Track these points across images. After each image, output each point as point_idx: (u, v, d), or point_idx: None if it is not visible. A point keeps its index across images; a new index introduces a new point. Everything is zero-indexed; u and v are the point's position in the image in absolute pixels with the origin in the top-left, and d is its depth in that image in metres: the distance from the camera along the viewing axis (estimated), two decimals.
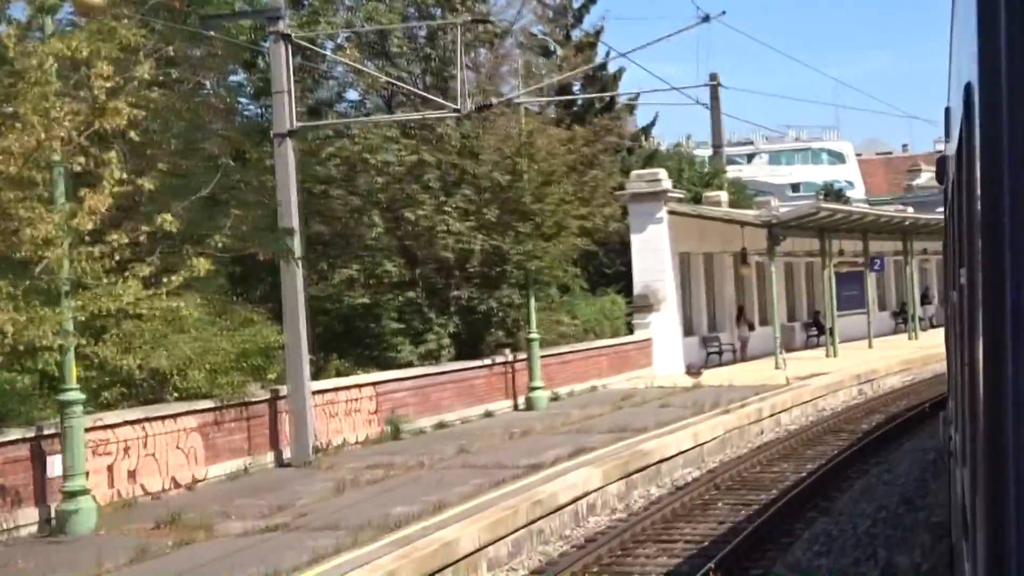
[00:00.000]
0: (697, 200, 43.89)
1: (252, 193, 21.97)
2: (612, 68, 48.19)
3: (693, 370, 33.96)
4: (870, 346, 46.06)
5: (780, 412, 28.95)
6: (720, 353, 41.36)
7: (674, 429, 23.91)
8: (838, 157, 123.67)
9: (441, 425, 25.77)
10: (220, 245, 17.59)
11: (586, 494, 18.48)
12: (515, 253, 27.35)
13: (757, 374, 35.39)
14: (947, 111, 6.83)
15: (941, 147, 75.38)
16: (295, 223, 20.36)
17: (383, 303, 26.35)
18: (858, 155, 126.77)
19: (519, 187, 27.50)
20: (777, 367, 37.40)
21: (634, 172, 39.16)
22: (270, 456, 20.67)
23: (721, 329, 43.02)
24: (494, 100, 22.71)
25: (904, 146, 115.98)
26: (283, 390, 20.73)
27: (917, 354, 42.69)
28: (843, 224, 42.22)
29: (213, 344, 19.30)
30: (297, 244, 20.43)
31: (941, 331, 54.07)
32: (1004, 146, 2.78)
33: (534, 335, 28.74)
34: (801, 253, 46.52)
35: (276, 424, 20.75)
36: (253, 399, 20.13)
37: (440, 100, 21.98)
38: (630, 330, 37.86)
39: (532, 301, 28.75)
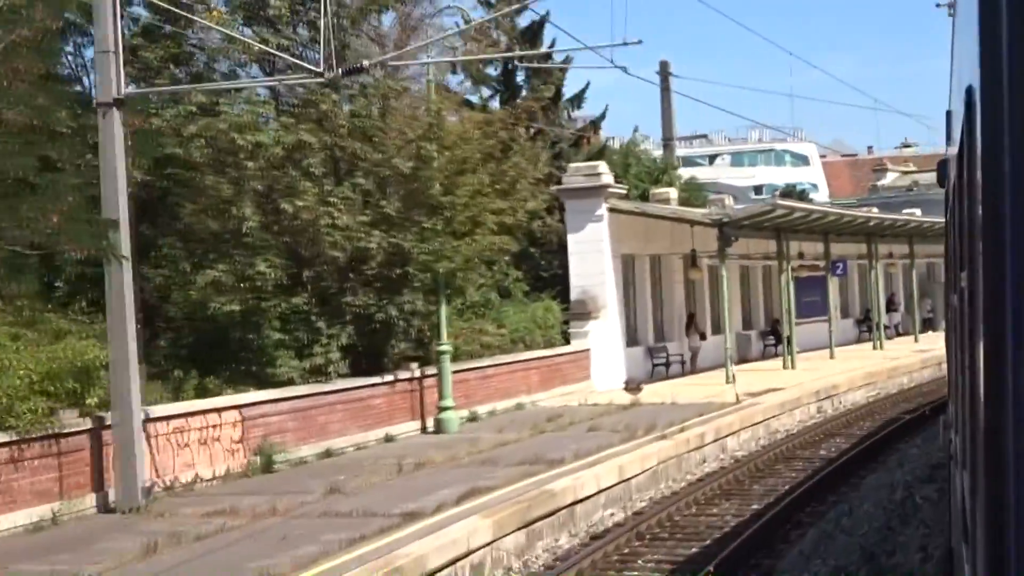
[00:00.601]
0: (644, 197, 40.34)
1: (85, 176, 18.06)
2: (559, 59, 44.79)
3: (632, 386, 30.30)
4: (831, 357, 42.58)
5: (726, 436, 25.31)
6: (667, 365, 37.73)
7: (597, 460, 20.21)
8: (801, 159, 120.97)
9: (327, 454, 21.98)
10: None
11: (469, 552, 14.75)
12: (420, 252, 23.59)
13: (705, 389, 31.77)
14: (948, 114, 6.74)
15: (907, 148, 71.97)
16: (122, 213, 16.52)
17: (263, 311, 22.53)
18: (822, 157, 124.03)
19: (425, 176, 23.75)
20: (728, 381, 33.81)
21: (571, 165, 35.52)
22: (92, 500, 16.82)
23: (669, 338, 39.38)
24: (365, 63, 18.87)
25: (869, 148, 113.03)
26: (111, 418, 16.89)
27: (882, 366, 39.23)
28: (802, 224, 38.69)
29: (8, 362, 15.46)
30: (125, 239, 16.59)
31: (908, 340, 50.68)
32: (1005, 149, 2.78)
33: (444, 347, 25.00)
34: (758, 256, 42.98)
35: (101, 460, 16.91)
36: (66, 430, 16.28)
37: (305, 64, 18.17)
38: (566, 340, 34.21)
39: (443, 308, 25.01)
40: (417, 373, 25.35)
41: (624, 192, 35.74)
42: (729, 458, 24.36)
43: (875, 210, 50.49)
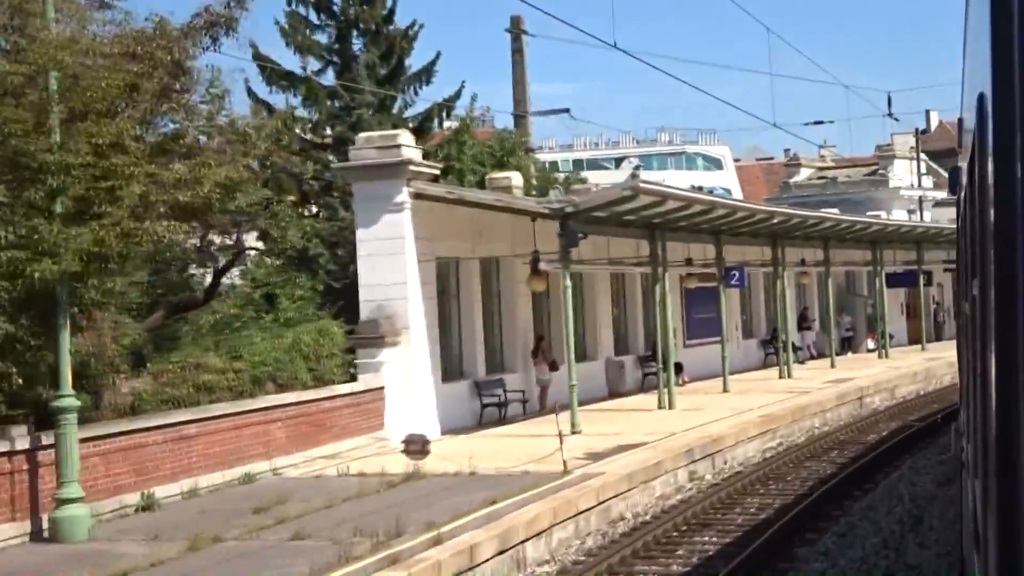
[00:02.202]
0: (483, 185, 31.02)
1: None
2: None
3: (414, 447, 20.67)
4: (725, 389, 33.45)
5: (525, 541, 15.83)
6: (504, 405, 28.27)
7: None
8: (714, 163, 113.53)
9: None
10: None
11: None
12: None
13: (535, 445, 22.34)
14: (960, 121, 6.91)
15: (827, 153, 62.41)
16: None
17: None
18: (736, 161, 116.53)
19: (7, 118, 14.11)
20: (574, 430, 24.56)
21: (362, 135, 26.10)
22: None
23: (511, 369, 29.99)
24: None
25: (787, 150, 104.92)
26: None
27: (788, 402, 30.12)
28: (682, 220, 29.50)
29: None
30: None
31: (824, 364, 41.81)
32: (1017, 155, 2.79)
33: (65, 401, 15.30)
34: (632, 260, 33.85)
35: None
36: None
37: None
38: (353, 376, 24.73)
39: (65, 337, 15.34)
40: (25, 443, 15.64)
41: (436, 173, 26.30)
42: None
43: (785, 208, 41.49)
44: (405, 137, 25.49)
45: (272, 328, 23.76)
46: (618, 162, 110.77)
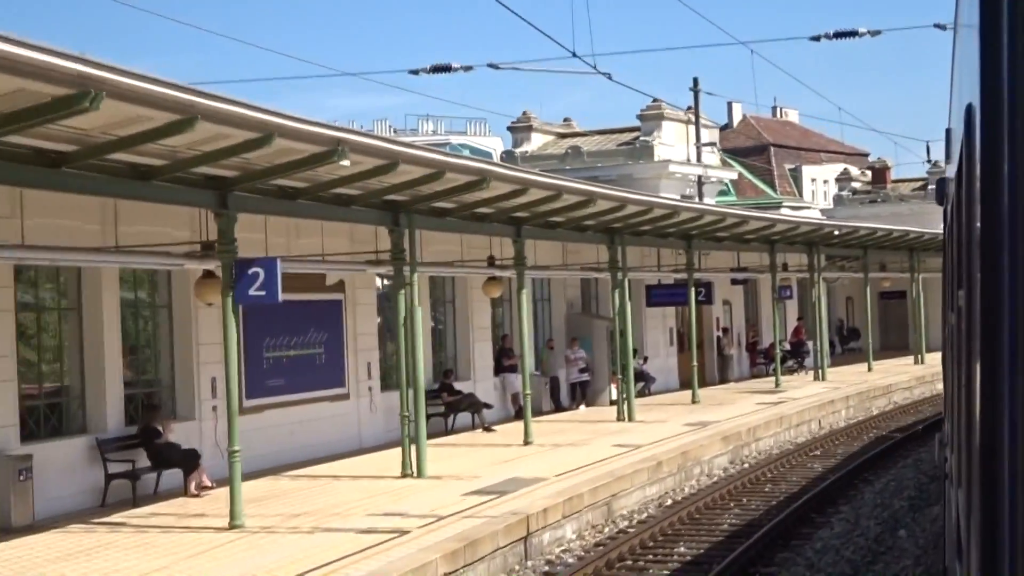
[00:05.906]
0: None
1: None
2: None
3: None
4: (233, 524, 16.24)
5: None
6: None
7: None
8: (484, 155, 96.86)
9: None
10: None
11: None
12: None
13: None
14: (948, 132, 6.91)
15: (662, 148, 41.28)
16: None
17: None
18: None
19: None
20: None
21: None
22: None
23: None
24: None
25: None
26: None
27: None
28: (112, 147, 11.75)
29: None
30: None
31: (516, 433, 23.73)
32: (1004, 167, 2.77)
33: None
34: (180, 253, 16.34)
35: None
36: None
37: None
38: None
39: None
40: None
41: None
42: None
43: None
44: None
45: None
46: None
